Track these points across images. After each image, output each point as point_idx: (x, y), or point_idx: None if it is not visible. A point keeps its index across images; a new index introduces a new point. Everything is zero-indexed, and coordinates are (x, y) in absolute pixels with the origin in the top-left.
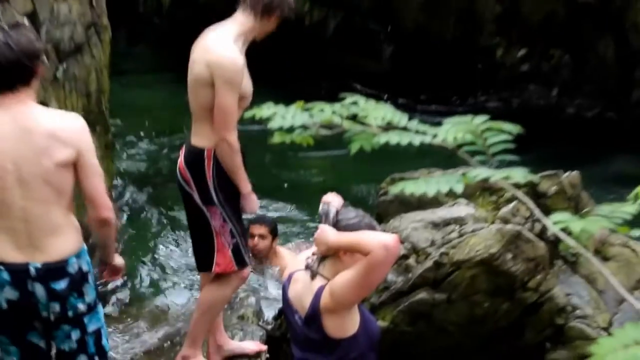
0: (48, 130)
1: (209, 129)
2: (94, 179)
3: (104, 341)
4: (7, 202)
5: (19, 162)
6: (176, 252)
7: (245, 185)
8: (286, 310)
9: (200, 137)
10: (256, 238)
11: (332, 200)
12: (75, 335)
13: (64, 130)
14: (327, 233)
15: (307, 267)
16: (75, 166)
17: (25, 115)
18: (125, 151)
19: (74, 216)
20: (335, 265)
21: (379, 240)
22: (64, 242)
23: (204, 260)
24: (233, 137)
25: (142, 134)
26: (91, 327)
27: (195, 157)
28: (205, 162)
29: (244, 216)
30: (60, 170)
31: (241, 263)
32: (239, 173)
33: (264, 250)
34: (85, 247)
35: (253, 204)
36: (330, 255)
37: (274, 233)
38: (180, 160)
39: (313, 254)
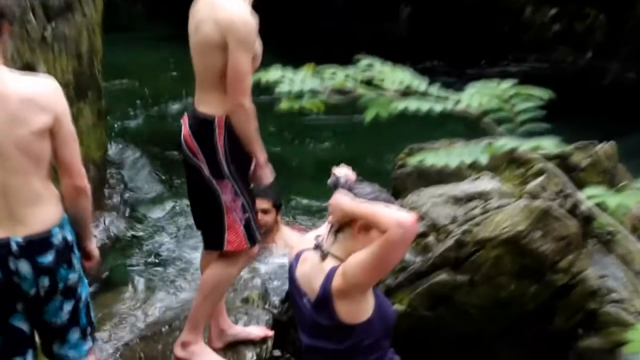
0: (22, 95)
1: (220, 95)
2: (71, 146)
3: (92, 311)
4: None
5: None
6: (174, 228)
7: (261, 154)
8: (293, 293)
9: (208, 105)
10: (259, 213)
11: (343, 172)
12: (67, 306)
13: (39, 95)
14: (342, 199)
15: (317, 246)
16: (51, 132)
17: None
18: (119, 118)
19: (52, 185)
20: (348, 244)
21: (395, 217)
22: (45, 212)
23: (213, 238)
24: (249, 102)
25: (137, 99)
26: (83, 296)
27: (204, 127)
28: (215, 131)
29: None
30: (38, 138)
31: (253, 240)
32: (255, 141)
33: (268, 226)
34: (66, 216)
35: (269, 174)
36: (344, 231)
37: (277, 207)
38: (185, 129)
39: (328, 225)
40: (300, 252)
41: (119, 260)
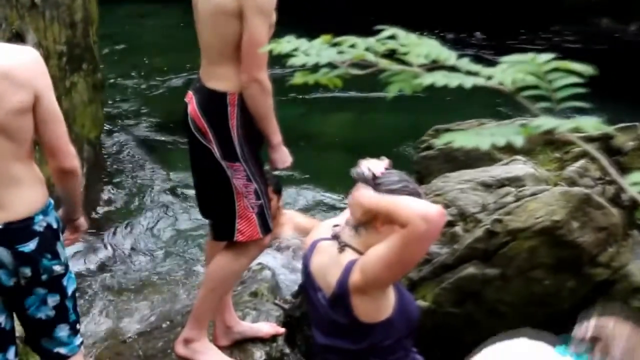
0: (3, 72)
1: (233, 69)
2: (54, 125)
3: (77, 305)
4: None
5: None
6: (176, 214)
7: (276, 134)
8: (307, 287)
9: (219, 80)
10: None
11: (368, 164)
12: (52, 300)
13: (17, 68)
14: (363, 194)
15: (335, 236)
16: (32, 110)
17: None
18: (116, 93)
19: (36, 167)
20: (370, 236)
21: (419, 210)
22: (27, 197)
23: (222, 227)
24: (265, 76)
25: (135, 71)
26: (70, 289)
27: (215, 104)
28: (228, 109)
29: None
30: (17, 117)
31: (266, 229)
32: (270, 119)
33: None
34: (51, 201)
35: (286, 157)
36: (366, 223)
37: (278, 192)
38: (192, 107)
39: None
40: (316, 241)
41: (116, 249)
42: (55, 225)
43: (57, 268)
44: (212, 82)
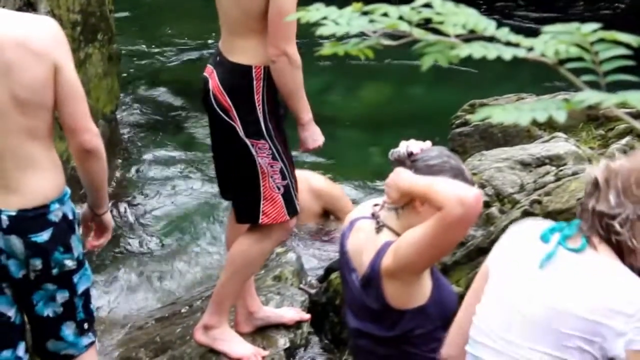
0: (16, 40)
1: (257, 41)
2: (75, 100)
3: (91, 304)
4: None
5: None
6: (195, 195)
7: (307, 111)
8: (342, 266)
9: (243, 53)
10: None
11: (406, 144)
12: (61, 297)
13: (34, 37)
14: (400, 176)
15: (374, 215)
16: (51, 84)
17: None
18: (132, 65)
19: (55, 152)
20: (409, 217)
21: (454, 193)
22: (43, 182)
23: (246, 209)
24: (294, 49)
25: (152, 41)
26: (81, 288)
27: (239, 78)
28: (253, 83)
29: None
30: (34, 90)
31: (292, 211)
32: (300, 96)
33: None
34: (68, 190)
35: (317, 135)
36: (404, 205)
37: None
38: (214, 82)
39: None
40: (355, 219)
41: (132, 230)
42: (71, 217)
43: (69, 263)
44: (235, 55)
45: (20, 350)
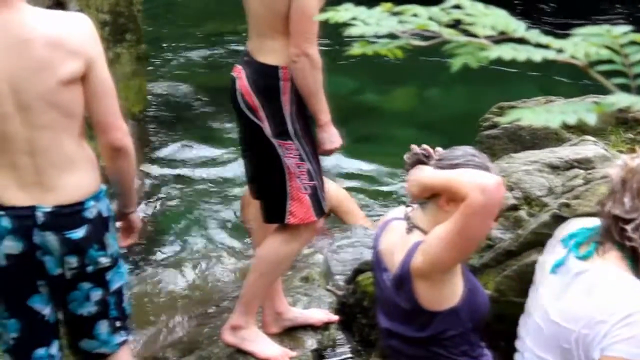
0: (49, 38)
1: (284, 42)
2: (106, 97)
3: (125, 302)
4: (7, 133)
5: (16, 82)
6: (223, 194)
7: (325, 112)
8: (374, 266)
9: (271, 53)
10: None
11: (421, 147)
12: (95, 295)
13: (68, 36)
14: (421, 172)
15: (406, 217)
16: (82, 81)
17: (17, 22)
18: (160, 65)
19: (89, 148)
20: (437, 216)
21: (475, 181)
22: (79, 179)
23: (273, 209)
24: (315, 50)
25: (182, 44)
26: (114, 285)
27: (267, 78)
28: (280, 84)
29: None
30: (68, 87)
31: (320, 212)
32: (319, 96)
33: None
34: (104, 187)
35: (335, 137)
36: (429, 202)
37: None
38: (242, 82)
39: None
40: (389, 220)
41: (159, 229)
42: (106, 214)
43: (103, 260)
44: (262, 56)
45: (54, 348)
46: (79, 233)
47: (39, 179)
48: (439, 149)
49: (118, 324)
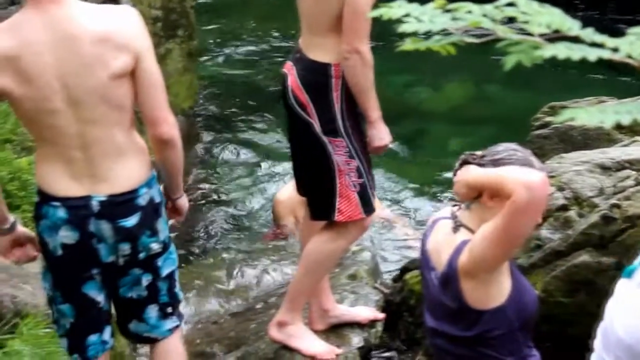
0: (97, 34)
1: (336, 39)
2: (155, 90)
3: (177, 287)
4: (59, 128)
5: (67, 78)
6: (270, 191)
7: (375, 109)
8: (422, 265)
9: (322, 50)
10: None
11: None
12: (146, 280)
13: (117, 31)
14: (467, 172)
15: (453, 216)
16: (131, 75)
17: (65, 18)
18: (211, 61)
19: (139, 137)
20: (481, 214)
21: (520, 178)
22: (131, 168)
23: (321, 206)
24: (367, 48)
25: (233, 40)
26: (165, 271)
27: (318, 75)
28: (331, 81)
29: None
30: (118, 81)
31: (368, 209)
32: (369, 93)
33: None
34: (155, 174)
35: (385, 135)
36: (474, 200)
37: None
38: (292, 79)
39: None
40: (437, 219)
41: (208, 225)
42: (157, 200)
43: (155, 246)
44: (313, 53)
45: (107, 334)
46: (132, 220)
47: (92, 171)
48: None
49: (169, 309)
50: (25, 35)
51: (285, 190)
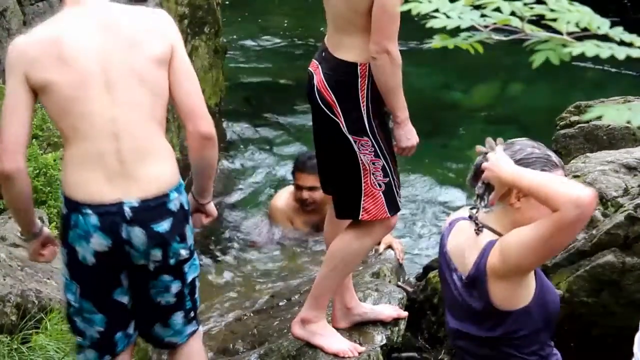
0: (136, 21)
1: (363, 38)
2: (190, 83)
3: (197, 293)
4: (93, 116)
5: (107, 60)
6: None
7: (403, 110)
8: (442, 266)
9: (349, 49)
10: (305, 191)
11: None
12: (175, 287)
13: (153, 20)
14: (501, 162)
15: (471, 217)
16: (168, 65)
17: (105, 9)
18: (237, 58)
19: (167, 141)
20: (507, 214)
21: (570, 195)
22: (161, 169)
23: (346, 205)
24: (395, 48)
25: (259, 37)
26: (189, 277)
27: (345, 75)
28: (358, 80)
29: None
30: (156, 66)
31: (394, 208)
32: (398, 94)
33: (318, 203)
34: (182, 180)
35: (412, 135)
36: (500, 203)
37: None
38: (318, 77)
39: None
40: (455, 220)
41: (233, 222)
42: (187, 206)
43: (183, 252)
44: (340, 52)
45: (131, 328)
46: (165, 226)
47: (124, 169)
48: (499, 139)
49: (192, 314)
50: (66, 23)
51: (282, 196)
